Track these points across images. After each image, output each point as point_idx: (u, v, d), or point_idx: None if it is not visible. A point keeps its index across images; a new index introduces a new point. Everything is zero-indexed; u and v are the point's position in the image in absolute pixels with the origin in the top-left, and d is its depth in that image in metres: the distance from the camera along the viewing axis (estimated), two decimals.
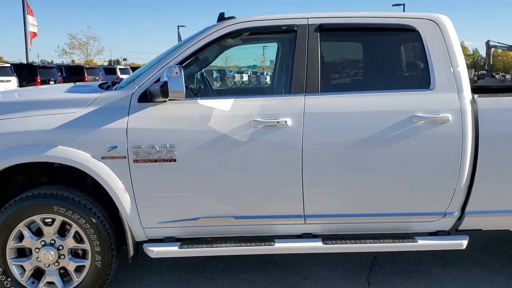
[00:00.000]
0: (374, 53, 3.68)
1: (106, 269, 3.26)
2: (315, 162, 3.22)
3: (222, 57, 21.48)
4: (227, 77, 26.15)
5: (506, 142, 3.25)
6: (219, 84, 6.16)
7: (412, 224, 3.41)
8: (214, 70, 5.23)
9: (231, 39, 3.73)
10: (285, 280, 3.81)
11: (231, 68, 29.95)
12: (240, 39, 3.86)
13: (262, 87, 7.07)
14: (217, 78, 6.49)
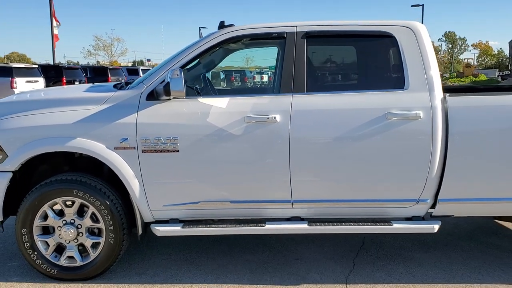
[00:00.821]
0: (355, 56, 4.10)
1: (118, 245, 3.75)
2: (301, 154, 3.64)
3: (243, 58, 21.78)
4: (247, 77, 26.61)
5: (473, 136, 3.62)
6: (225, 85, 6.53)
7: (389, 210, 3.81)
8: (221, 71, 5.58)
9: (233, 43, 4.20)
10: (278, 260, 4.24)
11: (252, 68, 30.43)
12: (242, 44, 4.33)
13: (260, 87, 7.54)
14: (224, 79, 6.90)
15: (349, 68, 4.30)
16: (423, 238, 4.75)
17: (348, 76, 4.29)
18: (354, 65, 4.21)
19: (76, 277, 3.80)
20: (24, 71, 19.59)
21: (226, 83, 12.34)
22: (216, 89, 4.62)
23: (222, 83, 4.92)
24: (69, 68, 24.17)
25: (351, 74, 4.28)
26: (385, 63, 3.91)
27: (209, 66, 4.77)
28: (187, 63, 3.83)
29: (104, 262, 3.78)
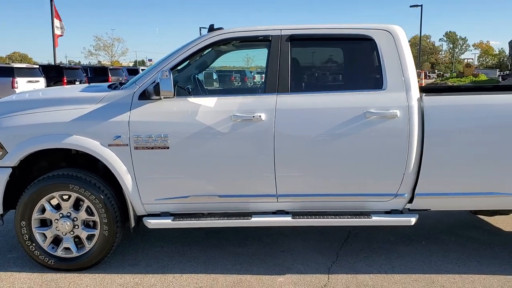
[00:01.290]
0: (336, 58, 4.31)
1: (112, 237, 3.96)
2: (284, 150, 3.84)
3: (244, 59, 22.01)
4: (247, 77, 26.82)
5: (448, 134, 3.83)
6: (218, 85, 6.73)
7: (369, 203, 4.02)
8: (214, 72, 5.76)
9: (223, 45, 4.42)
10: (266, 252, 4.45)
11: (252, 68, 30.66)
12: (233, 46, 4.55)
13: (248, 87, 7.76)
14: (217, 80, 7.11)
15: (331, 69, 4.52)
16: (405, 232, 4.95)
17: (329, 77, 4.49)
18: (336, 67, 4.43)
19: (72, 267, 4.01)
20: (25, 71, 19.82)
21: (221, 83, 12.64)
22: (209, 89, 4.81)
23: (215, 83, 5.13)
24: (70, 68, 24.40)
25: (333, 75, 4.49)
26: (364, 65, 4.11)
27: (201, 67, 4.97)
28: (178, 64, 4.03)
29: (98, 253, 3.99)
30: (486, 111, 3.83)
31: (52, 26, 26.75)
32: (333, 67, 4.46)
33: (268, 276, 3.95)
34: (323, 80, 4.47)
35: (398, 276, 3.93)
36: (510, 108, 3.80)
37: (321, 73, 4.56)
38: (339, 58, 4.34)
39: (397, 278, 3.89)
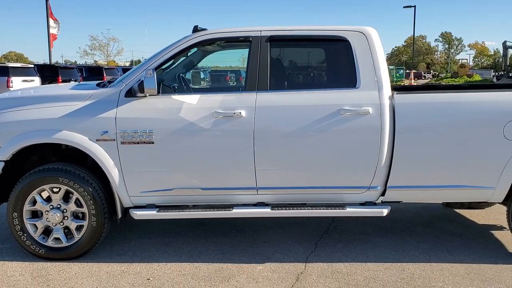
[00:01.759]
0: (313, 58, 4.54)
1: (100, 228, 4.16)
2: (264, 145, 4.06)
3: (240, 59, 22.32)
4: (242, 77, 27.11)
5: (418, 129, 4.05)
6: (206, 83, 6.91)
7: (344, 196, 4.24)
8: (201, 71, 5.97)
9: (209, 45, 4.65)
10: (248, 243, 4.66)
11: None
12: (218, 46, 4.77)
13: (230, 86, 8.03)
14: (204, 78, 7.32)
15: (308, 69, 4.74)
16: (382, 224, 5.18)
17: (307, 76, 4.72)
18: (312, 66, 4.66)
19: (62, 256, 4.21)
20: (20, 71, 19.99)
21: (216, 82, 12.84)
22: (193, 87, 5.01)
23: (202, 82, 5.35)
24: (65, 68, 24.57)
25: (310, 74, 4.71)
26: (339, 64, 4.33)
27: (188, 66, 5.18)
28: (163, 64, 4.24)
29: (87, 243, 4.19)
30: (453, 108, 4.06)
31: (47, 26, 26.88)
32: (310, 67, 4.69)
33: (249, 264, 4.16)
34: (301, 78, 4.69)
35: (371, 265, 4.15)
36: (475, 106, 4.03)
37: (298, 72, 4.78)
38: (316, 58, 4.56)
39: (370, 266, 4.11)
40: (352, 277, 3.90)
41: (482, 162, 4.08)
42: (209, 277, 3.90)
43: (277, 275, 3.94)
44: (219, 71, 22.74)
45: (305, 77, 4.72)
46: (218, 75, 22.27)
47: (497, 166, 4.07)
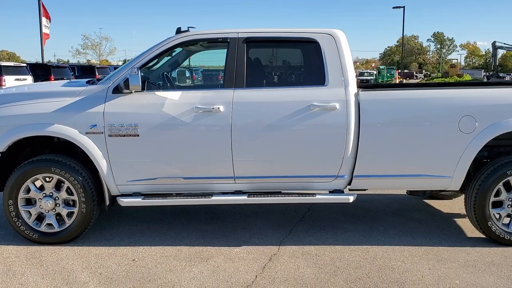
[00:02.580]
0: (286, 58, 4.91)
1: (89, 214, 4.51)
2: (240, 138, 4.42)
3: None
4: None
5: (380, 123, 4.43)
6: (190, 82, 7.26)
7: (315, 184, 4.61)
8: (187, 70, 6.29)
9: (192, 46, 5.01)
10: (227, 229, 5.02)
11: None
12: (201, 46, 5.14)
13: (210, 83, 8.43)
14: (189, 77, 7.66)
15: (281, 68, 5.11)
16: (354, 213, 5.56)
17: (280, 74, 5.09)
18: (285, 65, 5.03)
19: (54, 240, 4.55)
20: (12, 69, 20.25)
21: (209, 81, 13.22)
22: (179, 84, 5.35)
23: (188, 80, 5.68)
24: (57, 67, 24.80)
25: (283, 73, 5.09)
26: (310, 64, 4.70)
27: (174, 65, 5.54)
28: (148, 62, 4.59)
29: (77, 228, 4.54)
30: (413, 104, 4.44)
31: (40, 25, 27.07)
32: (283, 66, 5.06)
33: (227, 247, 4.53)
34: (275, 76, 5.05)
35: (339, 247, 4.53)
36: (433, 102, 4.42)
37: (273, 71, 5.15)
38: (288, 58, 4.94)
39: (337, 249, 4.49)
40: (320, 258, 4.27)
41: (440, 153, 4.46)
42: (190, 258, 4.26)
43: (251, 256, 4.30)
44: (211, 70, 23.17)
45: (279, 75, 5.09)
46: (210, 74, 22.67)
47: (453, 157, 4.46)
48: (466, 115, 4.37)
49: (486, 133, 4.38)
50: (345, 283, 3.77)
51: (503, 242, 4.55)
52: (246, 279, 3.84)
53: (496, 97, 4.45)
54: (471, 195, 4.55)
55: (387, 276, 3.89)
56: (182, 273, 3.95)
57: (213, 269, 4.03)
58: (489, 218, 4.51)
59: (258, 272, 3.97)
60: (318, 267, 4.07)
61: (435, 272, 3.97)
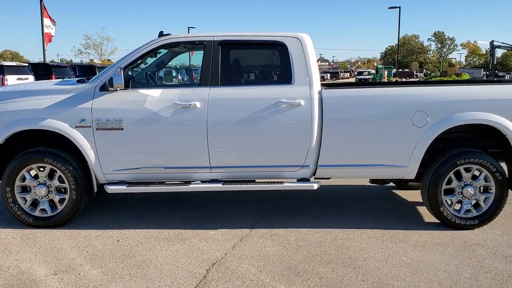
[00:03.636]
0: (257, 59, 5.39)
1: (79, 200, 4.99)
2: (215, 131, 4.89)
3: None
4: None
5: (342, 118, 4.90)
6: (176, 81, 7.73)
7: (283, 173, 5.08)
8: (173, 69, 6.69)
9: (176, 47, 5.49)
10: (206, 215, 5.50)
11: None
12: (184, 47, 5.62)
13: (187, 82, 8.99)
14: (176, 77, 8.12)
15: (253, 68, 5.59)
16: (326, 201, 6.04)
17: (251, 74, 5.56)
18: (256, 66, 5.51)
19: (47, 224, 5.03)
20: (15, 69, 20.77)
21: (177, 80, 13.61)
22: (161, 83, 5.83)
23: (174, 79, 6.14)
24: (58, 66, 25.29)
25: (254, 72, 5.56)
26: (278, 64, 5.17)
27: (160, 65, 6.02)
28: (132, 63, 5.06)
29: (68, 213, 5.02)
30: (372, 101, 4.91)
31: (41, 25, 27.60)
32: (255, 66, 5.54)
33: (203, 230, 5.01)
34: (246, 76, 5.52)
35: (305, 230, 5.00)
36: (389, 99, 4.89)
37: (245, 71, 5.61)
38: (259, 59, 5.42)
39: (303, 231, 4.97)
40: (285, 238, 4.75)
41: (396, 145, 4.93)
42: (168, 239, 4.74)
43: (225, 238, 4.78)
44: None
45: (250, 74, 5.56)
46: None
47: (408, 148, 4.93)
48: (419, 111, 4.84)
49: (437, 127, 4.85)
50: (304, 259, 4.24)
51: (454, 226, 5.01)
52: (217, 256, 4.32)
53: (446, 94, 4.91)
54: (426, 183, 5.02)
55: (342, 254, 4.36)
56: (160, 251, 4.43)
57: (188, 248, 4.51)
58: (441, 204, 4.98)
59: (228, 250, 4.44)
60: (283, 246, 4.54)
61: (386, 251, 4.44)
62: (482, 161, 4.91)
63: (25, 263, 4.15)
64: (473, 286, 3.73)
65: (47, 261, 4.19)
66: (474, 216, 5.02)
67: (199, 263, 4.16)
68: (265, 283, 3.76)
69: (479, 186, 5.01)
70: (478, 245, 4.58)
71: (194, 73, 15.58)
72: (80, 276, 3.89)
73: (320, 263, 4.16)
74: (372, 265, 4.12)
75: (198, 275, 3.90)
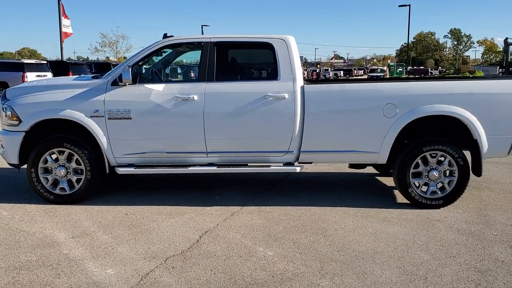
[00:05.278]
0: (247, 58, 6.13)
1: (93, 180, 5.77)
2: (211, 121, 5.63)
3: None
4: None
5: (321, 109, 5.60)
6: (181, 77, 8.45)
7: (271, 158, 5.81)
8: (178, 67, 7.31)
9: (179, 48, 6.24)
10: (205, 196, 6.25)
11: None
12: (187, 47, 6.37)
13: (188, 78, 9.69)
14: (181, 74, 8.79)
15: (244, 66, 6.33)
16: (313, 186, 6.76)
17: (243, 71, 6.29)
18: (247, 64, 6.25)
19: (66, 201, 5.83)
20: (34, 67, 21.80)
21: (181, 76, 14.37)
22: (164, 79, 6.59)
23: (179, 76, 6.85)
24: (75, 64, 26.30)
25: (245, 69, 6.30)
26: (266, 63, 5.90)
27: (166, 63, 6.80)
28: (139, 62, 5.81)
29: (84, 191, 5.81)
30: (348, 94, 5.61)
31: (59, 24, 28.64)
32: (246, 64, 6.28)
33: (200, 207, 5.76)
34: (238, 72, 6.25)
35: (289, 207, 5.72)
36: (363, 93, 5.59)
37: (237, 68, 6.34)
38: (249, 58, 6.16)
39: (287, 208, 5.68)
40: (270, 214, 5.48)
41: (370, 133, 5.62)
42: (170, 214, 5.50)
43: (218, 213, 5.53)
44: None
45: (242, 71, 6.29)
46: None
47: (379, 136, 5.61)
48: (389, 103, 5.53)
49: (405, 118, 5.53)
50: (283, 229, 4.97)
51: (421, 205, 5.69)
52: (209, 226, 5.07)
53: (413, 89, 5.60)
54: (396, 167, 5.71)
55: (317, 225, 5.08)
56: (162, 223, 5.19)
57: (186, 220, 5.27)
58: (410, 185, 5.66)
59: (220, 222, 5.19)
60: (267, 219, 5.27)
61: (356, 224, 5.15)
62: (446, 148, 5.58)
63: (48, 230, 4.94)
64: (423, 249, 4.42)
65: (66, 228, 4.98)
66: (439, 197, 5.69)
67: (194, 231, 4.91)
68: (247, 245, 4.50)
69: (443, 170, 5.68)
70: (438, 221, 5.25)
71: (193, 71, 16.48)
72: (93, 239, 4.67)
73: (296, 232, 4.88)
74: (340, 234, 4.83)
75: (192, 240, 4.65)
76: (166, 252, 4.34)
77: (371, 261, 4.15)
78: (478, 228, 5.03)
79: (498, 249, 4.45)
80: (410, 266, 4.04)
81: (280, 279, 3.80)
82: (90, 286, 3.68)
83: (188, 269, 3.97)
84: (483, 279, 3.82)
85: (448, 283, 3.74)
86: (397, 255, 4.30)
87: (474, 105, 5.53)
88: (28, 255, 4.27)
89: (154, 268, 4.00)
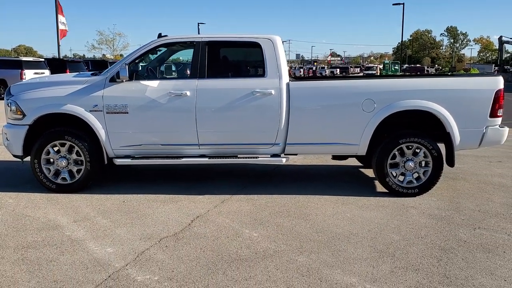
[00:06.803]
0: (236, 56, 6.55)
1: (93, 170, 6.19)
2: (202, 115, 6.04)
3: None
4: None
5: (305, 104, 6.03)
6: (175, 74, 8.80)
7: (259, 150, 6.23)
8: (172, 64, 7.64)
9: (174, 46, 6.65)
10: (201, 186, 6.66)
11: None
12: (181, 46, 6.78)
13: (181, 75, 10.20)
14: (175, 71, 9.13)
15: (234, 63, 6.75)
16: (299, 177, 7.19)
17: (232, 68, 6.71)
18: (237, 62, 6.67)
19: (67, 190, 6.23)
20: (32, 64, 22.18)
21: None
22: (161, 76, 6.99)
23: (173, 73, 7.21)
24: (72, 62, 26.70)
25: (234, 67, 6.72)
26: (254, 61, 6.32)
27: (161, 61, 7.20)
28: (135, 60, 6.22)
29: (84, 181, 6.22)
30: (330, 91, 6.04)
31: (56, 22, 28.94)
32: (235, 62, 6.70)
33: (193, 195, 6.17)
34: (228, 70, 6.66)
35: (275, 196, 6.14)
36: (344, 89, 6.01)
37: (227, 65, 6.75)
38: (239, 56, 6.58)
39: (274, 197, 6.10)
40: (257, 201, 5.91)
41: (350, 126, 6.05)
42: (164, 201, 5.92)
43: (210, 200, 5.95)
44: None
45: (232, 69, 6.71)
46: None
47: (359, 129, 6.04)
48: (368, 99, 5.95)
49: (382, 112, 5.96)
50: (268, 214, 5.40)
51: (398, 194, 6.12)
52: (201, 212, 5.49)
53: (390, 85, 6.03)
54: (375, 158, 6.14)
55: (299, 211, 5.51)
56: (156, 209, 5.61)
57: (179, 207, 5.69)
58: (387, 175, 6.10)
59: (210, 208, 5.61)
60: (254, 206, 5.70)
61: (336, 210, 5.58)
62: (421, 141, 6.01)
63: (51, 215, 5.35)
64: (394, 231, 4.86)
65: (68, 214, 5.39)
66: (415, 186, 6.12)
67: (186, 216, 5.33)
68: (235, 228, 4.92)
69: (419, 161, 6.11)
70: (412, 207, 5.69)
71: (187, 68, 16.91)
72: (93, 223, 5.09)
73: (280, 216, 5.31)
74: (321, 218, 5.26)
75: (184, 223, 5.08)
76: (160, 233, 4.76)
77: (346, 241, 4.58)
78: (448, 213, 5.46)
79: (462, 231, 4.88)
80: (381, 245, 4.47)
81: (263, 255, 4.22)
82: (92, 262, 4.09)
83: (180, 248, 4.39)
84: (445, 255, 4.25)
85: (413, 259, 4.17)
86: (370, 236, 4.73)
87: (448, 100, 5.96)
88: (34, 236, 4.69)
89: (149, 247, 4.42)
